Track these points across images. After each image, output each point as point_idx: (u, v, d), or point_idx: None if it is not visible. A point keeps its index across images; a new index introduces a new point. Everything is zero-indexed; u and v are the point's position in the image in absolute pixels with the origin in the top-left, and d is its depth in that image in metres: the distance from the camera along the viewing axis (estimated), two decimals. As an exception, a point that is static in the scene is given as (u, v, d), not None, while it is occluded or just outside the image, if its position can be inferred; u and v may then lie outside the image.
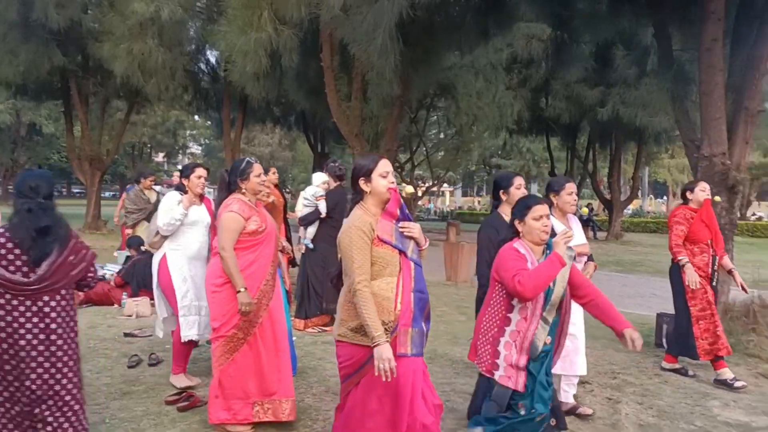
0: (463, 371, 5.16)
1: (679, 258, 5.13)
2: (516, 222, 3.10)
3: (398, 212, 2.96)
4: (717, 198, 5.47)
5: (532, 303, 2.97)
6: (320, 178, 6.57)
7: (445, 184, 40.59)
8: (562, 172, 23.47)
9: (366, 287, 2.76)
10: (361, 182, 2.91)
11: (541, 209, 3.03)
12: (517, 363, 2.96)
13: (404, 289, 2.85)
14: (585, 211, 23.22)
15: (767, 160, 33.01)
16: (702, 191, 5.22)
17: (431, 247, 3.59)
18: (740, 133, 6.61)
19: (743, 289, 5.20)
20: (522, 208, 3.09)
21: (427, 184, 25.62)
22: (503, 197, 3.90)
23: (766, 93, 8.85)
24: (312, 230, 6.50)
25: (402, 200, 3.01)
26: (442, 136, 22.19)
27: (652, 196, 56.65)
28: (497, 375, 3.00)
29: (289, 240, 6.38)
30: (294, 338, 5.01)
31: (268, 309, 3.76)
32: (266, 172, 4.90)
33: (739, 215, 10.35)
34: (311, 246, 6.48)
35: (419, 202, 24.91)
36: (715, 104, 6.44)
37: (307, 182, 7.64)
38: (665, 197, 50.65)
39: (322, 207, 6.36)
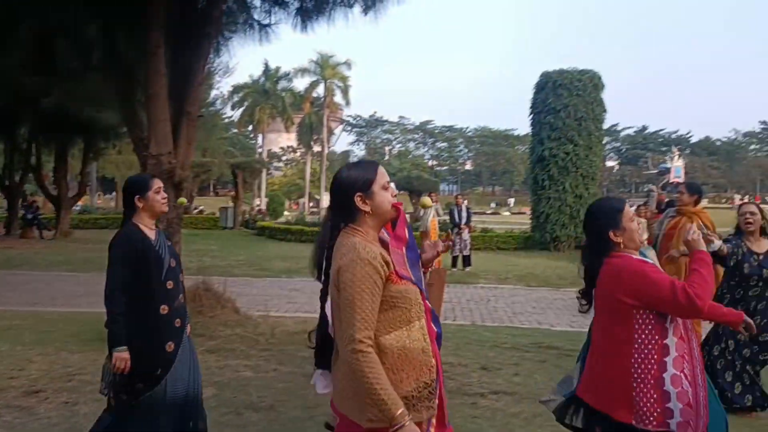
0: None
1: None
2: (612, 233, 2.63)
3: (407, 235, 2.33)
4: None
5: (660, 318, 2.52)
6: None
7: None
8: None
9: (371, 347, 2.00)
10: (358, 200, 2.15)
11: (629, 209, 2.69)
12: (695, 398, 2.47)
13: (431, 336, 2.18)
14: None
15: (206, 159, 36.95)
16: None
17: None
18: (184, 134, 7.23)
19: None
20: (613, 213, 2.65)
21: None
22: (140, 204, 3.32)
23: (203, 100, 9.96)
24: None
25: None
26: None
27: (101, 192, 56.45)
28: (674, 423, 2.43)
29: None
30: None
31: None
32: None
33: (184, 210, 11.39)
34: None
35: None
36: (160, 106, 6.86)
37: None
38: (114, 193, 51.18)
39: None
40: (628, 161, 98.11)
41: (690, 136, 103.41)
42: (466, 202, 15.49)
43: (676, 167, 74.19)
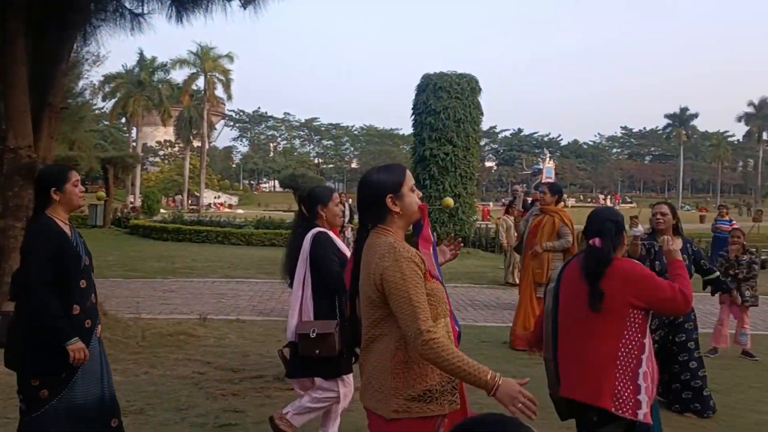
0: None
1: None
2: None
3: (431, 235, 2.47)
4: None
5: (646, 318, 2.84)
6: None
7: None
8: None
9: (437, 332, 2.07)
10: (389, 201, 2.25)
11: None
12: (653, 393, 2.76)
13: (454, 333, 2.32)
14: None
15: (74, 153, 34.59)
16: None
17: None
18: (45, 127, 6.76)
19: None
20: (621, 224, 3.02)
21: None
22: (56, 197, 3.11)
23: (69, 90, 9.36)
24: None
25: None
26: None
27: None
28: (641, 414, 2.69)
29: None
30: None
31: None
32: None
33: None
34: None
35: None
36: (19, 97, 6.38)
37: None
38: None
39: None
40: (505, 162, 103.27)
41: (560, 140, 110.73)
42: (350, 200, 15.64)
43: (548, 168, 78.92)
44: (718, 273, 5.54)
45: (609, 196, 78.85)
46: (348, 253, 3.76)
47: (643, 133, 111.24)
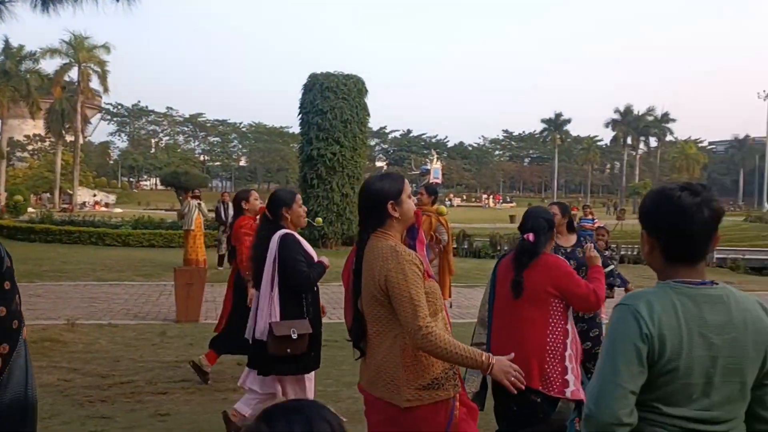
0: None
1: None
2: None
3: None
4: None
5: (567, 307, 3.21)
6: None
7: None
8: None
9: (433, 325, 2.30)
10: (390, 207, 2.47)
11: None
12: (578, 372, 3.11)
13: (449, 326, 2.59)
14: None
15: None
16: (255, 200, 5.51)
17: None
18: None
19: None
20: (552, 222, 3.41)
21: None
22: None
23: None
24: None
25: None
26: None
27: None
28: (569, 391, 3.04)
29: None
30: None
31: None
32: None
33: None
34: None
35: None
36: None
37: None
38: None
39: None
40: (395, 162, 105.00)
41: (447, 141, 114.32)
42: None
43: (435, 169, 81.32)
44: (612, 267, 5.96)
45: (491, 196, 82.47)
46: (314, 253, 4.21)
47: (522, 137, 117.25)
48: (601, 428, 1.56)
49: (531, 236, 3.22)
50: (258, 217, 4.84)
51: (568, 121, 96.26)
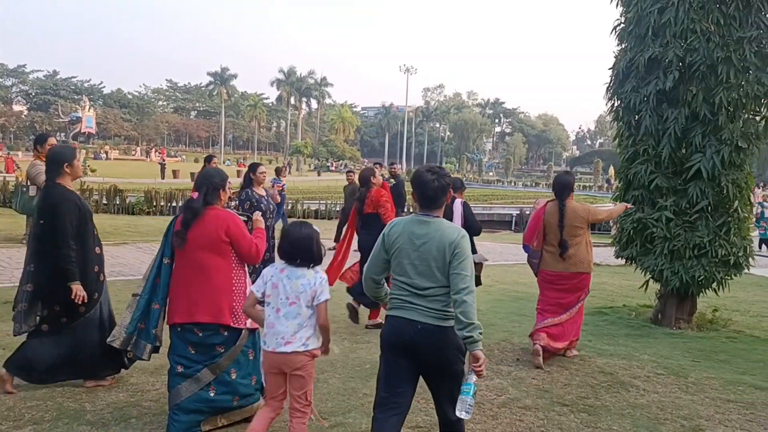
0: None
1: None
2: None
3: None
4: None
5: None
6: None
7: None
8: None
9: None
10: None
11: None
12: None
13: None
14: None
15: None
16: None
17: None
18: None
19: None
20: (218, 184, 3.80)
21: None
22: None
23: None
24: None
25: None
26: None
27: None
28: (249, 323, 3.67)
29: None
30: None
31: None
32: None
33: None
34: None
35: None
36: None
37: None
38: None
39: None
40: (38, 107, 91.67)
41: (102, 87, 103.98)
42: None
43: (88, 117, 73.53)
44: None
45: (156, 150, 78.16)
46: None
47: (188, 88, 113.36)
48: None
49: (195, 195, 3.68)
50: None
51: (235, 76, 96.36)
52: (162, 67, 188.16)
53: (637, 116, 7.17)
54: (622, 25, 7.33)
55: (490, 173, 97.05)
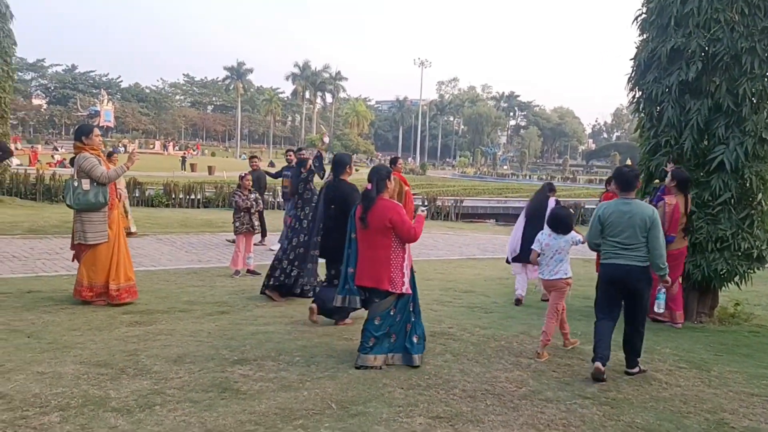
0: None
1: None
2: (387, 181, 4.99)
3: None
4: None
5: None
6: None
7: None
8: None
9: None
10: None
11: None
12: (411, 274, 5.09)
13: None
14: None
15: None
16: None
17: None
18: None
19: None
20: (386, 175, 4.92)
21: None
22: None
23: None
24: None
25: None
26: None
27: None
28: (405, 288, 4.80)
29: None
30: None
31: None
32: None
33: None
34: None
35: None
36: None
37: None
38: None
39: None
40: (57, 101, 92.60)
41: (120, 81, 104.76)
42: None
43: (107, 111, 73.98)
44: None
45: (172, 143, 78.57)
46: None
47: (204, 83, 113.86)
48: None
49: (369, 186, 4.78)
50: None
51: (251, 70, 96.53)
52: (180, 62, 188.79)
53: (658, 107, 7.08)
54: (644, 16, 7.24)
55: (505, 167, 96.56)
